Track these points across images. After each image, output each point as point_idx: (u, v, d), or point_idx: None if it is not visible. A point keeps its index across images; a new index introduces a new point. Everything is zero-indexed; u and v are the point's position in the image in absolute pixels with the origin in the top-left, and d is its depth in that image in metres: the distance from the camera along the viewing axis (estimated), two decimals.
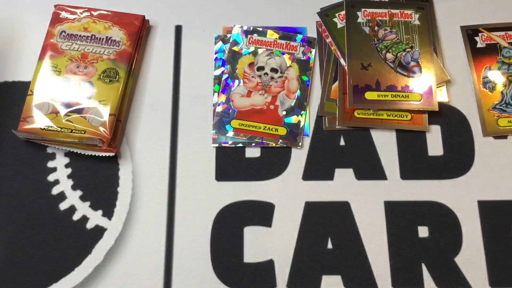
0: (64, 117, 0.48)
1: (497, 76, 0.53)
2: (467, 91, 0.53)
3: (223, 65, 0.53)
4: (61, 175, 0.49)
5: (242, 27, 0.55)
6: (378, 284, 0.45)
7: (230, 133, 0.50)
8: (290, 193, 0.48)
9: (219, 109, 0.51)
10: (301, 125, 0.51)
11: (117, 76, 0.50)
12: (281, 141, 0.50)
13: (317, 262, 0.46)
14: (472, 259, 0.46)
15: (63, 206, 0.48)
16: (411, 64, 0.52)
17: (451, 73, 0.53)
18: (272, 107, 0.51)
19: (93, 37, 0.52)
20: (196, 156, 0.50)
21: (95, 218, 0.47)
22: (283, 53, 0.54)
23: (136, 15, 0.53)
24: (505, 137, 0.51)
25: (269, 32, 0.54)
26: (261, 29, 0.55)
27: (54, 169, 0.49)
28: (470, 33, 0.55)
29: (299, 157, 0.50)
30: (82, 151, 0.48)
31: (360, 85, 0.51)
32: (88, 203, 0.48)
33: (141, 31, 0.53)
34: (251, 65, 0.53)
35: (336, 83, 0.53)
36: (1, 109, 0.51)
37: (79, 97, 0.49)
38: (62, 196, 0.48)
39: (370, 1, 0.56)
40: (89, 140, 0.47)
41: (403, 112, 0.51)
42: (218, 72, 0.53)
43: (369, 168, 0.50)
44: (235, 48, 0.54)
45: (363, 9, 0.55)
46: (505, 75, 0.53)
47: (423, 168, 0.50)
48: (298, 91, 0.52)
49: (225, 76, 0.53)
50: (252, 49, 0.54)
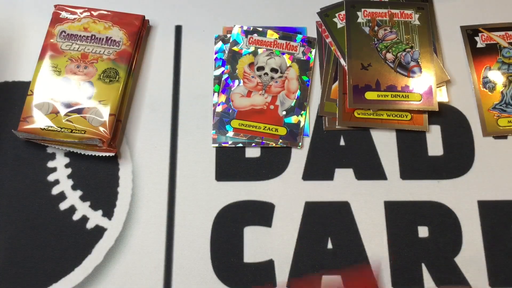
0: (64, 117, 0.48)
1: (497, 76, 0.53)
2: (467, 91, 0.53)
3: (223, 65, 0.53)
4: (61, 175, 0.49)
5: (242, 27, 0.55)
6: (378, 284, 0.45)
7: (230, 133, 0.50)
8: (290, 193, 0.48)
9: (219, 109, 0.51)
10: (301, 125, 0.51)
11: (117, 76, 0.50)
12: (281, 141, 0.50)
13: (317, 262, 0.46)
14: (472, 259, 0.46)
15: (63, 206, 0.48)
16: (411, 64, 0.52)
17: (451, 73, 0.53)
18: (272, 107, 0.51)
19: (93, 37, 0.52)
20: (196, 156, 0.50)
21: (95, 218, 0.47)
22: (283, 53, 0.54)
23: (136, 15, 0.53)
24: (505, 137, 0.51)
25: (269, 32, 0.54)
26: (261, 29, 0.55)
27: (54, 169, 0.49)
28: (470, 33, 0.55)
29: (299, 157, 0.50)
30: (82, 151, 0.48)
31: (360, 85, 0.51)
32: (88, 203, 0.48)
33: (141, 31, 0.53)
34: (251, 65, 0.53)
35: (336, 83, 0.53)
36: (1, 109, 0.51)
37: (79, 97, 0.49)
38: (62, 196, 0.48)
39: (370, 1, 0.56)
40: (89, 140, 0.47)
41: (403, 112, 0.51)
42: (218, 72, 0.53)
43: (369, 168, 0.50)
44: (235, 48, 0.54)
45: (363, 9, 0.55)
46: (505, 75, 0.53)
47: (423, 168, 0.50)
48: (298, 91, 0.52)
49: (225, 76, 0.53)
50: (252, 49, 0.54)
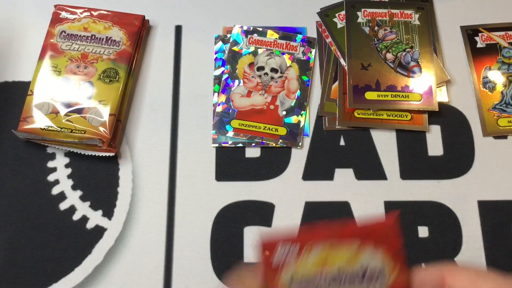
0: (64, 117, 0.48)
1: (497, 76, 0.53)
2: (467, 91, 0.53)
3: (223, 65, 0.53)
4: (61, 175, 0.49)
5: (242, 27, 0.55)
6: None
7: (230, 133, 0.50)
8: (290, 193, 0.48)
9: (219, 109, 0.51)
10: (301, 125, 0.51)
11: (117, 76, 0.50)
12: (281, 141, 0.50)
13: None
14: (472, 259, 0.46)
15: (63, 206, 0.48)
16: (411, 64, 0.52)
17: (451, 73, 0.53)
18: (272, 107, 0.51)
19: (93, 37, 0.52)
20: (196, 156, 0.50)
21: (95, 218, 0.47)
22: (283, 53, 0.54)
23: (136, 15, 0.53)
24: (505, 137, 0.51)
25: (269, 32, 0.54)
26: (261, 29, 0.55)
27: (54, 169, 0.49)
28: (470, 33, 0.55)
29: (299, 157, 0.50)
30: (82, 151, 0.48)
31: (360, 85, 0.51)
32: (88, 203, 0.48)
33: (141, 31, 0.53)
34: (251, 65, 0.53)
35: (336, 83, 0.53)
36: (1, 109, 0.51)
37: (79, 97, 0.49)
38: (62, 196, 0.48)
39: (370, 1, 0.56)
40: (89, 140, 0.47)
41: (403, 112, 0.51)
42: (218, 72, 0.53)
43: (369, 168, 0.50)
44: (235, 48, 0.54)
45: (363, 9, 0.55)
46: (505, 75, 0.53)
47: (423, 168, 0.50)
48: (298, 91, 0.52)
49: (225, 76, 0.53)
50: (252, 49, 0.54)
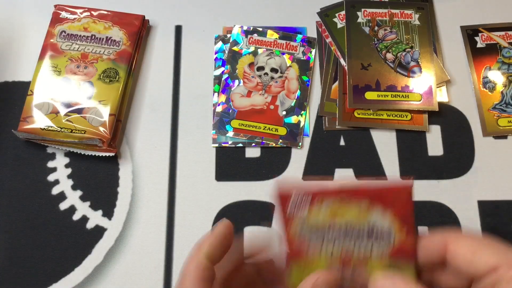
0: (64, 117, 0.48)
1: (497, 76, 0.53)
2: (467, 91, 0.53)
3: (223, 65, 0.53)
4: (61, 175, 0.49)
5: (242, 27, 0.55)
6: None
7: (230, 133, 0.50)
8: None
9: (219, 109, 0.51)
10: (301, 125, 0.51)
11: (117, 76, 0.50)
12: (281, 141, 0.50)
13: None
14: None
15: (63, 206, 0.48)
16: (411, 64, 0.52)
17: (451, 73, 0.53)
18: (272, 107, 0.51)
19: (93, 37, 0.52)
20: (196, 156, 0.50)
21: (95, 218, 0.47)
22: (283, 53, 0.54)
23: (136, 15, 0.53)
24: (505, 137, 0.51)
25: (269, 32, 0.54)
26: (261, 29, 0.55)
27: (54, 169, 0.49)
28: (470, 33, 0.55)
29: (299, 157, 0.50)
30: (82, 151, 0.48)
31: (360, 85, 0.51)
32: (88, 203, 0.48)
33: (141, 31, 0.53)
34: (251, 65, 0.53)
35: (336, 83, 0.53)
36: (1, 109, 0.51)
37: (79, 97, 0.49)
38: (62, 196, 0.48)
39: (370, 1, 0.56)
40: (89, 140, 0.47)
41: (403, 112, 0.51)
42: (218, 72, 0.53)
43: (369, 168, 0.50)
44: (235, 48, 0.54)
45: (363, 9, 0.55)
46: (505, 75, 0.53)
47: (423, 168, 0.50)
48: (298, 91, 0.52)
49: (225, 76, 0.53)
50: (252, 49, 0.54)
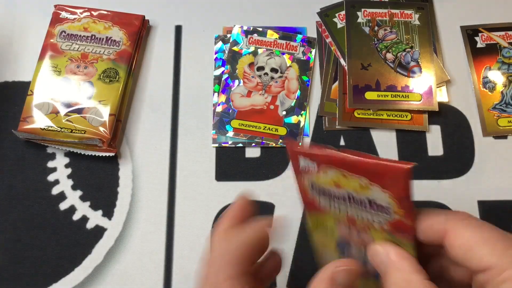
0: (64, 117, 0.48)
1: (497, 76, 0.53)
2: (467, 91, 0.53)
3: (223, 65, 0.53)
4: (61, 175, 0.49)
5: (242, 27, 0.55)
6: None
7: (230, 133, 0.50)
8: (290, 193, 0.48)
9: (219, 109, 0.51)
10: (301, 125, 0.51)
11: (117, 76, 0.50)
12: (281, 141, 0.50)
13: None
14: None
15: (63, 206, 0.48)
16: (411, 64, 0.52)
17: (451, 73, 0.53)
18: (272, 107, 0.51)
19: (93, 37, 0.52)
20: (196, 156, 0.50)
21: (95, 218, 0.47)
22: (283, 53, 0.54)
23: (136, 15, 0.53)
24: (505, 137, 0.51)
25: (269, 32, 0.54)
26: (261, 29, 0.55)
27: (54, 169, 0.49)
28: (470, 33, 0.55)
29: None
30: (82, 151, 0.48)
31: (360, 85, 0.51)
32: (88, 203, 0.48)
33: (141, 31, 0.53)
34: (251, 65, 0.53)
35: (336, 83, 0.53)
36: (1, 109, 0.51)
37: (79, 97, 0.49)
38: (62, 196, 0.48)
39: (370, 1, 0.56)
40: (89, 140, 0.47)
41: (403, 112, 0.51)
42: (218, 72, 0.53)
43: None
44: (235, 48, 0.54)
45: (363, 9, 0.55)
46: (505, 75, 0.53)
47: (423, 168, 0.50)
48: (298, 91, 0.52)
49: (225, 76, 0.53)
50: (252, 49, 0.54)
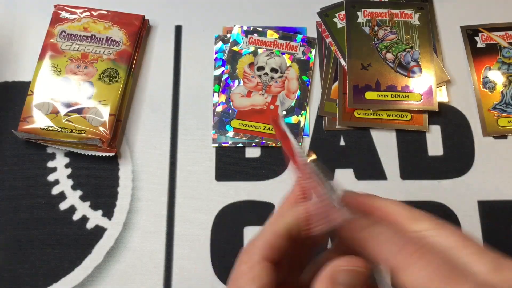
0: (64, 117, 0.48)
1: (497, 76, 0.53)
2: (467, 91, 0.53)
3: (223, 65, 0.53)
4: (61, 175, 0.49)
5: (242, 27, 0.55)
6: (378, 285, 0.45)
7: (230, 133, 0.50)
8: None
9: (219, 109, 0.51)
10: (301, 125, 0.51)
11: (117, 76, 0.50)
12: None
13: None
14: None
15: (63, 206, 0.48)
16: (411, 64, 0.52)
17: (451, 73, 0.53)
18: (272, 107, 0.51)
19: (93, 37, 0.52)
20: (196, 156, 0.50)
21: (95, 218, 0.47)
22: (283, 53, 0.54)
23: (136, 15, 0.53)
24: (505, 137, 0.51)
25: (269, 32, 0.54)
26: (261, 29, 0.55)
27: (54, 169, 0.49)
28: (470, 33, 0.55)
29: None
30: (82, 151, 0.48)
31: (360, 85, 0.51)
32: (88, 203, 0.48)
33: (141, 31, 0.53)
34: (251, 65, 0.53)
35: (336, 83, 0.53)
36: (1, 109, 0.51)
37: (79, 97, 0.49)
38: (62, 196, 0.48)
39: (370, 1, 0.56)
40: (89, 140, 0.47)
41: (403, 112, 0.51)
42: (218, 72, 0.53)
43: (369, 168, 0.50)
44: (235, 48, 0.54)
45: (363, 9, 0.55)
46: (505, 75, 0.53)
47: (423, 168, 0.50)
48: (298, 91, 0.52)
49: (225, 76, 0.53)
50: (252, 49, 0.54)
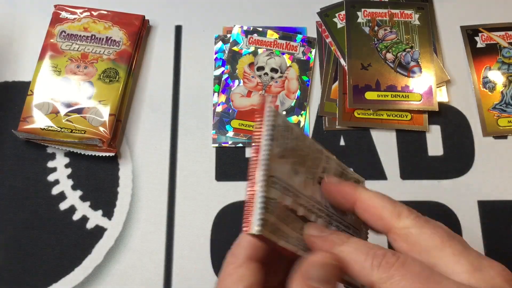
0: (64, 117, 0.48)
1: (497, 76, 0.53)
2: (467, 91, 0.53)
3: (223, 65, 0.53)
4: (61, 175, 0.49)
5: (242, 27, 0.55)
6: None
7: (230, 133, 0.50)
8: None
9: (219, 109, 0.51)
10: (301, 125, 0.51)
11: (117, 76, 0.50)
12: None
13: None
14: None
15: (63, 206, 0.48)
16: (411, 64, 0.52)
17: (451, 73, 0.53)
18: None
19: (93, 37, 0.52)
20: (196, 156, 0.50)
21: (95, 218, 0.47)
22: (283, 53, 0.54)
23: (136, 15, 0.53)
24: (505, 137, 0.51)
25: (269, 32, 0.54)
26: (261, 29, 0.55)
27: (54, 169, 0.49)
28: (470, 33, 0.55)
29: None
30: (82, 151, 0.48)
31: (360, 85, 0.51)
32: (88, 203, 0.48)
33: (141, 31, 0.53)
34: (251, 65, 0.53)
35: (336, 83, 0.53)
36: (1, 109, 0.51)
37: (79, 97, 0.49)
38: (62, 196, 0.48)
39: (370, 1, 0.56)
40: (89, 140, 0.47)
41: (403, 112, 0.51)
42: (218, 72, 0.53)
43: (369, 168, 0.50)
44: (235, 48, 0.54)
45: (363, 9, 0.55)
46: (505, 75, 0.53)
47: (423, 168, 0.50)
48: (298, 91, 0.52)
49: (225, 76, 0.53)
50: (252, 49, 0.54)
